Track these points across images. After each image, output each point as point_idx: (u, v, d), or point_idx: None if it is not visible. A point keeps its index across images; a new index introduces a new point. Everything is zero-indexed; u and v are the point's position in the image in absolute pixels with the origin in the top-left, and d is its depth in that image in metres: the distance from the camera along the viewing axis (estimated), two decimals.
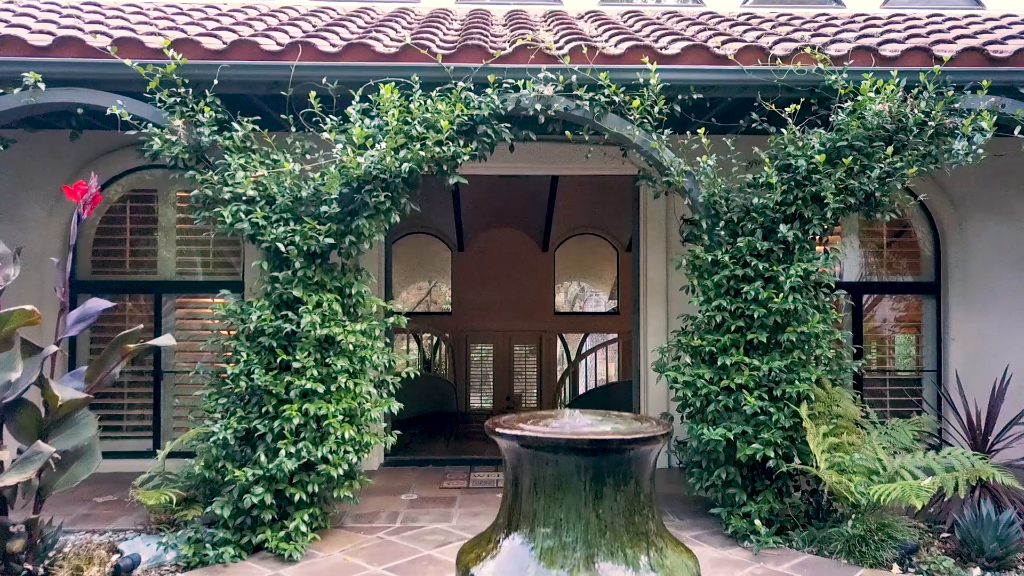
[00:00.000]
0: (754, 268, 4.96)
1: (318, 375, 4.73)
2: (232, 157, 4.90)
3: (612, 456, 2.47)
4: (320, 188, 4.81)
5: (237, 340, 4.87)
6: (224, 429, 4.57)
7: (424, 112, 4.92)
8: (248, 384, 4.68)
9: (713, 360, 5.05)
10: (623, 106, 5.16)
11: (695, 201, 5.22)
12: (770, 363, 4.87)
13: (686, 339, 5.16)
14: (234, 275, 6.89)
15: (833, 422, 4.85)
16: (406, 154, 4.78)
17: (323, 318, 4.78)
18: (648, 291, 6.85)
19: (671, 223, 6.76)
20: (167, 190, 6.93)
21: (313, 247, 4.79)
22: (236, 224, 4.81)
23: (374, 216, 4.93)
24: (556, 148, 6.59)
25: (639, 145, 5.21)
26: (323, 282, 4.92)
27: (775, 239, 5.05)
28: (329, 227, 4.83)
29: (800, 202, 5.00)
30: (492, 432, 2.56)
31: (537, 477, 2.47)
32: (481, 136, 5.10)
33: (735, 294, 5.07)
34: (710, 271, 5.13)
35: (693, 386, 4.99)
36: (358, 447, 4.83)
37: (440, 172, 5.06)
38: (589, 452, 2.45)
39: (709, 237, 5.17)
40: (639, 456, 2.50)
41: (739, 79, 5.26)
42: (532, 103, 5.10)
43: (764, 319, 4.91)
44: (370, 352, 4.93)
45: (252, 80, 5.24)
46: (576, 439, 2.47)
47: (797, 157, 5.02)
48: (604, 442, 2.48)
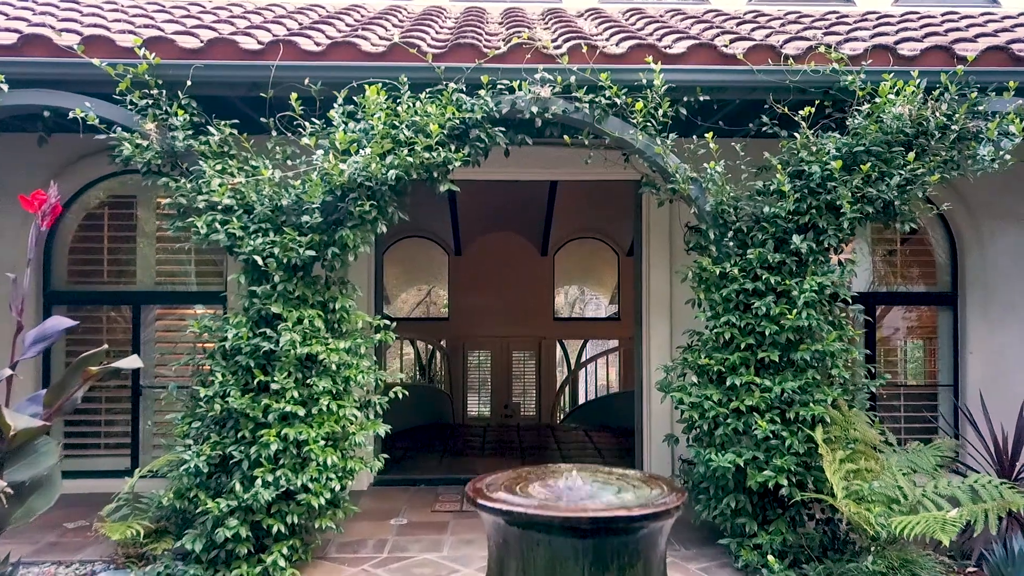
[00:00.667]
0: (765, 282, 4.65)
1: (298, 397, 4.42)
2: (208, 163, 4.59)
3: (618, 537, 2.02)
4: (301, 196, 4.49)
5: (212, 359, 4.56)
6: (196, 456, 4.25)
7: (413, 115, 4.60)
8: (223, 407, 4.36)
9: (721, 380, 4.73)
10: (625, 108, 4.85)
11: (702, 210, 4.90)
12: (783, 384, 4.55)
13: (692, 357, 4.84)
14: (218, 285, 6.57)
15: (850, 447, 4.53)
16: (393, 160, 4.46)
17: (304, 336, 4.47)
18: (651, 302, 6.53)
19: (675, 231, 6.44)
20: (147, 196, 6.61)
21: (294, 259, 4.48)
22: (211, 235, 4.50)
23: (359, 226, 4.61)
24: (554, 153, 6.27)
25: (642, 150, 4.89)
26: (305, 297, 4.61)
27: (787, 251, 4.73)
28: (311, 238, 4.51)
29: (814, 211, 4.69)
30: (474, 503, 2.14)
31: (527, 561, 2.02)
32: (474, 141, 4.79)
33: (745, 309, 4.76)
34: (718, 284, 4.81)
35: (700, 408, 4.67)
36: (342, 474, 4.51)
37: (430, 179, 4.75)
38: (590, 533, 1.99)
39: (717, 248, 4.85)
40: (649, 535, 2.06)
41: (748, 80, 4.95)
42: (528, 105, 4.79)
43: (776, 336, 4.59)
44: (355, 371, 4.62)
45: (231, 81, 4.93)
46: (575, 517, 2.01)
47: (811, 163, 4.71)
48: (609, 520, 2.04)
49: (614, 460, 7.49)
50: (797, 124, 4.91)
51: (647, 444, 6.60)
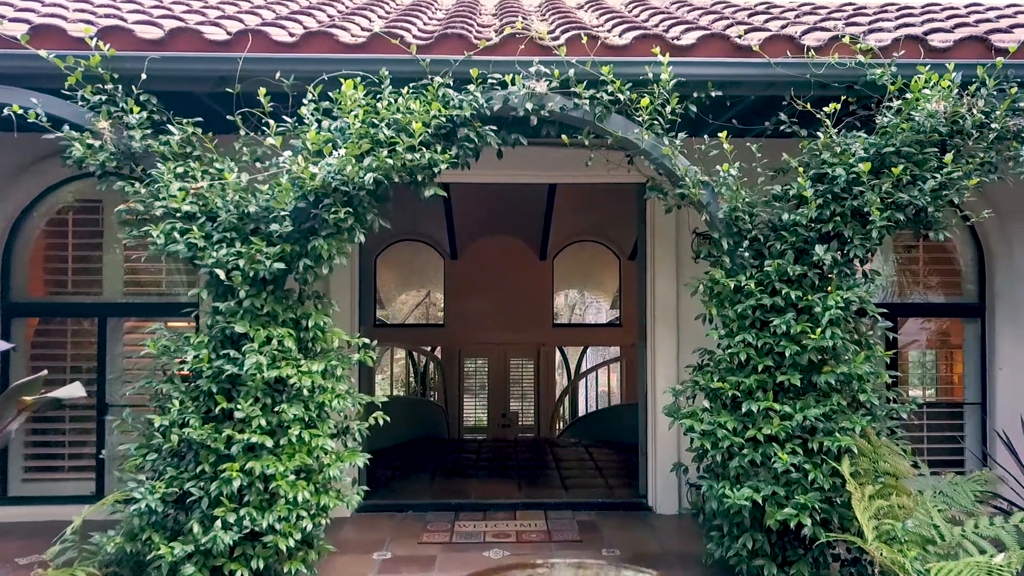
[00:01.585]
0: (785, 297, 4.19)
1: (266, 426, 3.97)
2: (167, 165, 4.14)
3: None
4: (270, 203, 4.04)
5: (171, 383, 4.11)
6: (149, 494, 3.80)
7: (394, 112, 4.15)
8: (181, 437, 3.91)
9: (736, 405, 4.28)
10: (629, 105, 4.39)
11: (714, 216, 4.45)
12: (804, 410, 4.10)
13: (704, 379, 4.38)
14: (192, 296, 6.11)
15: (880, 481, 4.08)
16: (371, 162, 4.01)
17: (273, 357, 4.02)
18: (656, 315, 6.07)
19: (682, 238, 5.99)
20: (116, 200, 6.11)
21: (261, 272, 4.03)
22: (170, 245, 4.05)
23: (334, 235, 4.16)
24: (552, 154, 5.83)
25: (648, 151, 4.44)
26: (275, 313, 4.16)
27: (809, 262, 4.28)
28: (281, 248, 4.06)
29: (838, 219, 4.24)
30: None
31: None
32: (462, 141, 4.34)
33: (762, 327, 4.30)
34: (732, 299, 4.36)
35: (712, 436, 4.21)
36: (314, 511, 4.06)
37: (414, 183, 4.30)
38: None
39: (731, 259, 4.40)
40: None
41: (765, 74, 4.50)
42: (522, 102, 4.34)
43: (797, 357, 4.14)
44: (330, 396, 4.16)
45: (195, 75, 4.48)
46: None
47: (834, 165, 4.26)
48: None
49: (617, 483, 7.04)
50: (817, 122, 4.47)
51: (652, 466, 6.15)
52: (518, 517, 5.83)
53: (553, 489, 6.78)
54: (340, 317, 5.87)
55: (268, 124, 4.13)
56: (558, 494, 6.59)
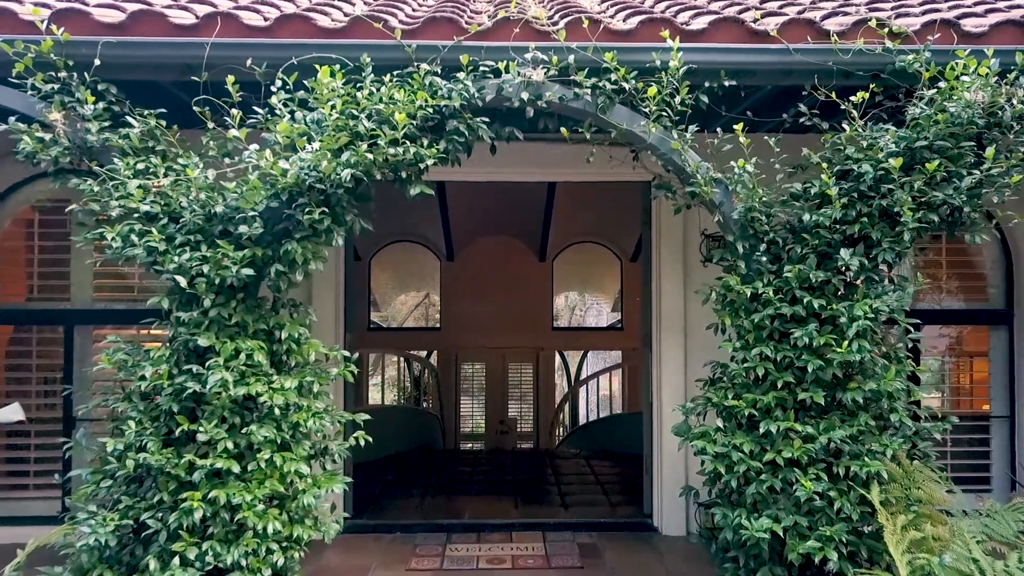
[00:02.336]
0: (807, 306, 3.80)
1: (233, 449, 3.59)
2: (125, 161, 3.76)
3: None
4: (238, 202, 3.66)
5: (128, 401, 3.73)
6: (100, 526, 3.41)
7: (376, 103, 3.76)
8: (138, 462, 3.52)
9: (753, 425, 3.89)
10: (634, 95, 4.01)
11: (727, 217, 4.06)
12: (829, 431, 3.71)
13: (717, 395, 3.99)
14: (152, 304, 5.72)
15: (912, 509, 3.69)
16: (350, 157, 3.62)
17: (241, 373, 3.64)
18: (663, 322, 5.68)
19: (690, 240, 5.61)
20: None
21: (228, 279, 3.64)
22: (127, 249, 3.66)
23: (310, 238, 3.77)
24: (551, 150, 5.47)
25: (655, 145, 4.05)
26: (244, 324, 3.77)
27: (832, 267, 3.90)
28: (252, 252, 3.68)
29: (865, 219, 3.85)
30: None
31: None
32: (451, 134, 3.95)
33: (781, 339, 3.92)
34: (748, 308, 3.97)
35: (727, 459, 3.82)
36: (287, 544, 3.67)
37: (398, 180, 3.91)
38: None
39: (746, 264, 4.01)
40: None
41: (783, 61, 4.11)
42: (517, 91, 3.96)
43: (820, 373, 3.75)
44: (306, 415, 3.77)
45: (159, 62, 4.09)
46: None
47: (860, 161, 3.87)
48: None
49: (620, 500, 6.65)
50: (839, 114, 4.09)
51: (658, 484, 5.75)
52: (514, 539, 5.44)
53: (552, 507, 6.39)
54: (324, 325, 5.51)
55: (239, 116, 3.73)
56: (557, 513, 6.20)
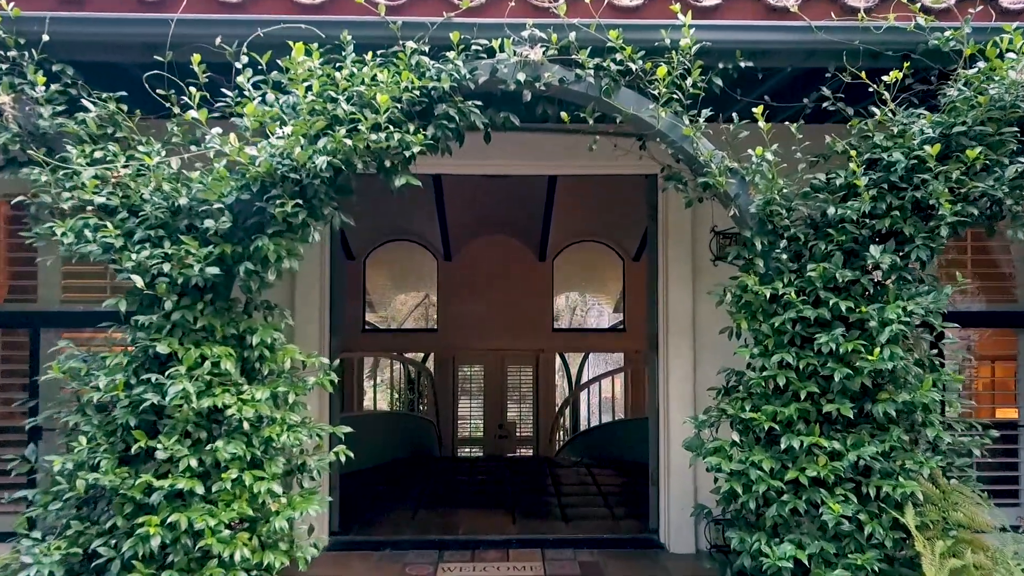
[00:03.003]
0: (833, 308, 3.45)
1: (197, 467, 3.22)
2: (79, 148, 3.40)
3: None
4: (204, 193, 3.30)
5: (82, 414, 3.37)
6: (45, 555, 3.05)
7: (358, 84, 3.41)
8: (88, 483, 3.17)
9: (773, 440, 3.53)
10: (642, 77, 3.66)
11: (743, 211, 3.71)
12: (858, 448, 3.35)
13: (733, 407, 3.63)
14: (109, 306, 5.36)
15: (951, 534, 3.33)
16: (326, 144, 3.27)
17: (207, 383, 3.28)
18: (670, 324, 5.32)
19: (700, 236, 5.25)
20: None
21: (193, 279, 3.28)
22: (81, 245, 3.31)
23: (283, 233, 3.42)
24: (550, 141, 5.11)
25: (664, 132, 3.70)
26: (212, 328, 3.41)
27: (859, 266, 3.54)
28: (220, 249, 3.32)
29: (896, 213, 3.49)
30: None
31: None
32: (440, 119, 3.59)
33: (803, 344, 3.56)
34: (767, 311, 3.61)
35: (745, 478, 3.46)
36: (257, 572, 3.31)
37: (382, 169, 3.55)
38: None
39: (765, 262, 3.65)
40: None
41: (805, 40, 3.75)
42: (513, 72, 3.60)
43: (847, 382, 3.39)
44: (279, 429, 3.41)
45: (120, 41, 3.74)
46: None
47: (891, 149, 3.52)
48: None
49: (623, 512, 6.29)
50: (865, 99, 3.75)
51: (664, 497, 5.40)
52: (511, 557, 5.08)
53: (552, 521, 6.03)
54: (307, 328, 5.16)
55: (199, 96, 3.37)
56: (557, 528, 5.84)
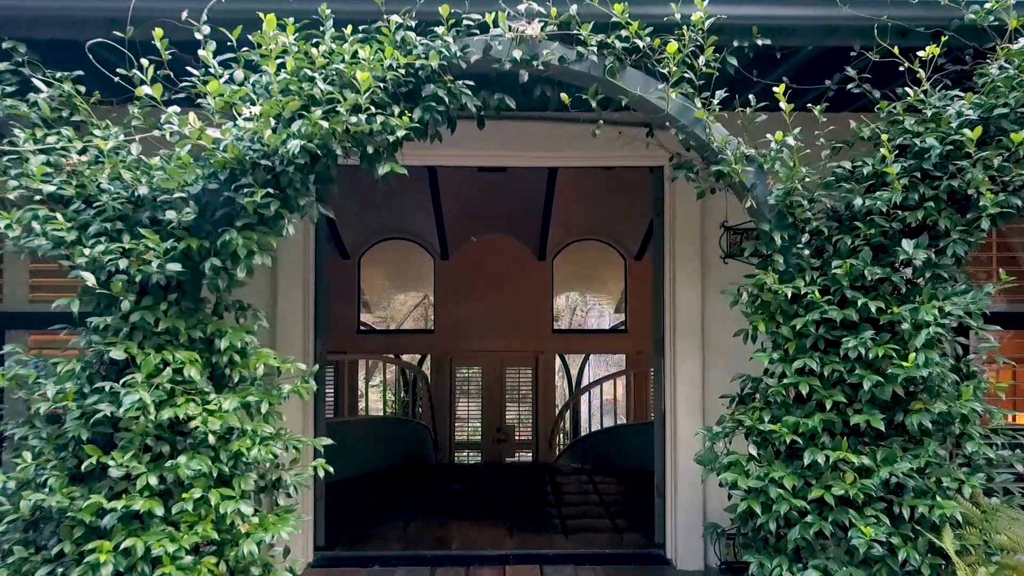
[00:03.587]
0: (861, 309, 3.12)
1: (157, 485, 2.90)
2: (28, 133, 3.08)
3: None
4: (165, 182, 2.98)
5: (30, 427, 3.04)
6: None
7: (337, 62, 3.09)
8: (34, 504, 2.84)
9: (794, 454, 3.21)
10: (650, 56, 3.34)
11: (760, 202, 3.39)
12: (890, 464, 3.03)
13: (750, 418, 3.31)
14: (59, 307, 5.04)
15: (995, 559, 3.01)
16: (300, 127, 2.95)
17: (168, 391, 2.96)
18: (677, 326, 5.00)
19: (708, 234, 4.93)
20: None
21: (154, 276, 2.96)
22: (29, 239, 2.99)
23: (254, 226, 3.09)
24: (549, 130, 4.82)
25: (674, 116, 3.38)
26: (175, 331, 3.09)
27: (888, 262, 3.22)
28: (184, 244, 3.00)
29: (930, 204, 3.17)
30: None
31: None
32: (428, 101, 3.27)
33: (827, 348, 3.24)
34: (787, 312, 3.29)
35: (764, 496, 3.14)
36: None
37: (364, 156, 3.23)
38: None
39: (785, 259, 3.33)
40: None
41: (827, 16, 3.46)
42: (508, 50, 3.29)
43: (877, 391, 3.07)
44: (249, 442, 3.08)
45: (79, 15, 3.42)
46: None
47: (923, 135, 3.20)
48: None
49: (627, 524, 5.96)
50: (894, 81, 3.43)
51: (671, 509, 5.06)
52: (508, 574, 4.76)
53: (551, 534, 5.70)
54: (290, 330, 4.85)
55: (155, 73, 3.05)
56: (557, 541, 5.51)
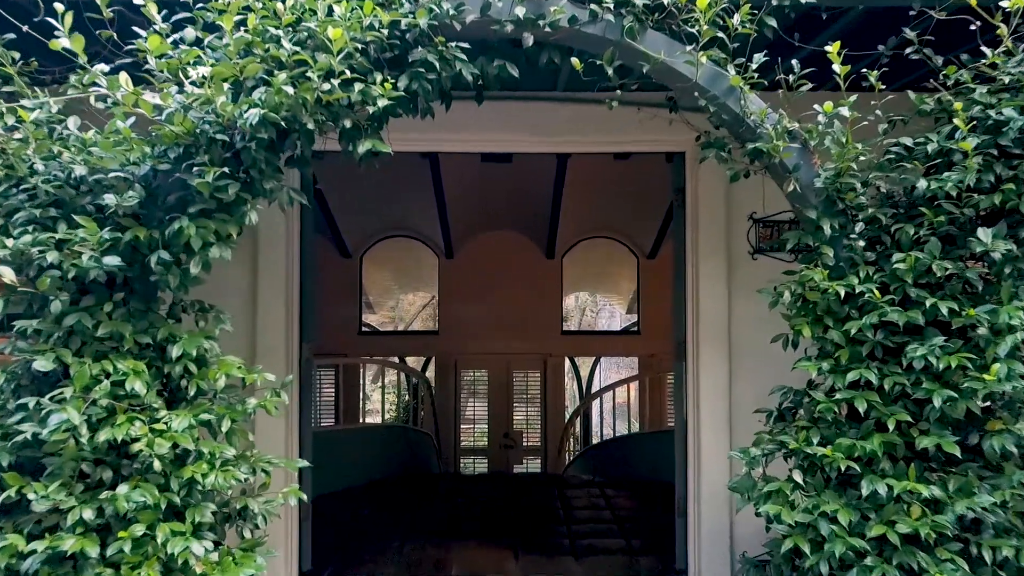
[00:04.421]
0: (929, 311, 2.63)
1: (90, 521, 2.44)
2: None
3: None
4: (98, 161, 2.53)
5: None
6: None
7: (309, 19, 2.62)
8: None
9: (847, 481, 2.72)
10: (675, 15, 2.87)
11: (805, 185, 2.90)
12: (967, 497, 2.53)
13: (797, 440, 2.81)
14: None
15: None
16: (262, 95, 2.48)
17: (107, 408, 2.50)
18: (701, 329, 4.50)
19: (735, 226, 4.44)
20: None
21: (92, 272, 2.50)
22: None
23: (212, 214, 2.63)
24: (558, 112, 4.34)
25: (703, 86, 2.90)
26: (119, 335, 2.63)
27: (957, 255, 2.73)
28: (130, 234, 2.55)
29: (1010, 187, 2.68)
30: None
31: None
32: (416, 67, 2.80)
33: (885, 357, 2.75)
34: (838, 313, 2.80)
35: (813, 531, 2.65)
36: None
37: (344, 133, 2.77)
38: None
39: (835, 252, 2.84)
40: None
41: None
42: (510, 8, 2.83)
43: (948, 408, 2.58)
44: (205, 467, 2.62)
45: None
46: None
47: (998, 106, 2.71)
48: None
49: (643, 545, 5.46)
50: (959, 46, 2.94)
51: (693, 532, 4.57)
52: None
53: (560, 557, 5.20)
54: (272, 334, 4.38)
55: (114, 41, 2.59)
56: (566, 565, 5.01)
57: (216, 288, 4.01)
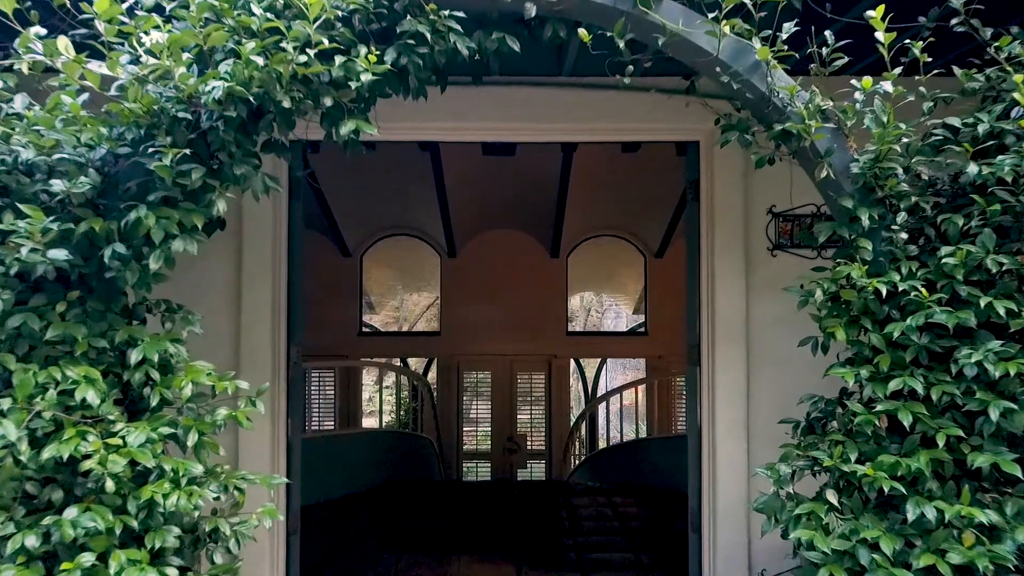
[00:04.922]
0: (982, 311, 2.33)
1: (33, 548, 2.16)
2: None
3: None
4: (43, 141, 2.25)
5: None
6: None
7: None
8: None
9: (887, 502, 2.42)
10: None
11: (839, 171, 2.60)
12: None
13: (832, 455, 2.51)
14: None
15: None
16: (231, 68, 2.20)
17: (55, 421, 2.22)
18: (717, 330, 4.20)
19: (754, 221, 4.14)
20: None
21: (39, 267, 2.23)
22: None
23: (178, 203, 2.35)
24: (562, 97, 4.04)
25: (725, 62, 2.61)
26: (71, 338, 2.35)
27: (1011, 249, 2.43)
28: (85, 225, 2.27)
29: None
30: None
31: None
32: (406, 38, 2.51)
33: (931, 363, 2.45)
34: (876, 314, 2.50)
35: (850, 560, 2.35)
36: None
37: (325, 114, 2.49)
38: None
39: (873, 245, 2.54)
40: None
41: None
42: None
43: (1006, 422, 2.28)
44: (168, 487, 2.34)
45: None
46: None
47: None
48: None
49: (652, 559, 5.17)
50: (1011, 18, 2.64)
51: (708, 547, 4.27)
52: None
53: (565, 573, 4.90)
54: (256, 336, 4.09)
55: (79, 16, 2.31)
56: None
57: (196, 286, 3.75)
